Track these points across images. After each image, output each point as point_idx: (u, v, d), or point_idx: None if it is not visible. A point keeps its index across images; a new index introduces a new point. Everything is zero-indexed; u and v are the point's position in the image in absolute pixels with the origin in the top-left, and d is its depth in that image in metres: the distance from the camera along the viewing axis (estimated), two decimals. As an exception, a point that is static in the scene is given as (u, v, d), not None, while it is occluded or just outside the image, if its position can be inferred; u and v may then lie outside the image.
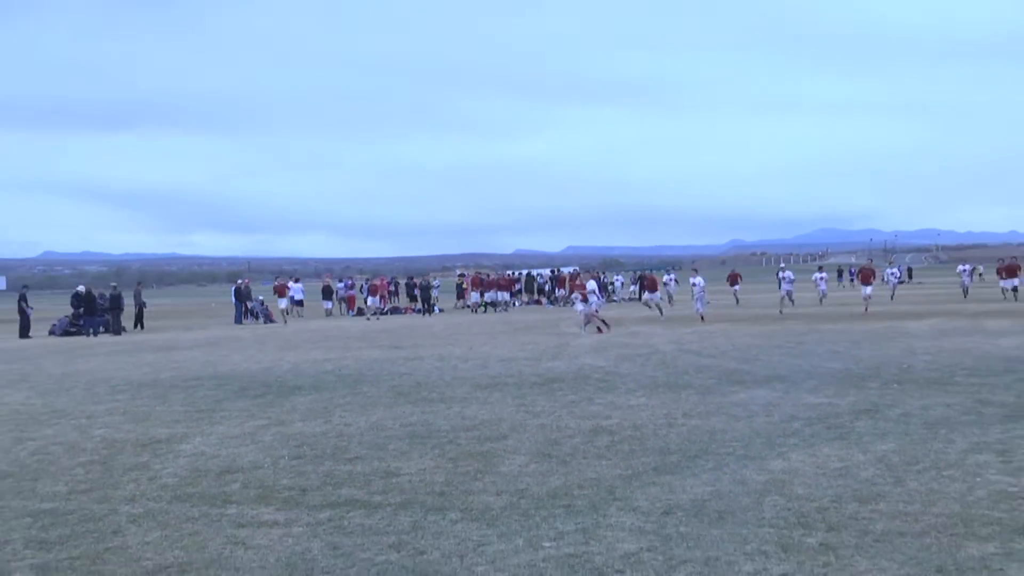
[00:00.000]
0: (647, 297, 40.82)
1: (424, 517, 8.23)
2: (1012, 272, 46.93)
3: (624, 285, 66.60)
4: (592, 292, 31.76)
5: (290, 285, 56.93)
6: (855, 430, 11.64)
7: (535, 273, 67.26)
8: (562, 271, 62.73)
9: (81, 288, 44.17)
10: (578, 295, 32.86)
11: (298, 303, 52.75)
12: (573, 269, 69.29)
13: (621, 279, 69.03)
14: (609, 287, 59.77)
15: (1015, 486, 8.65)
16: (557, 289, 56.56)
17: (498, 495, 8.94)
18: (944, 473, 9.25)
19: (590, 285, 32.09)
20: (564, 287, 54.47)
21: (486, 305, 53.03)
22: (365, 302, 51.61)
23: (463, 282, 58.96)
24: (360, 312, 52.81)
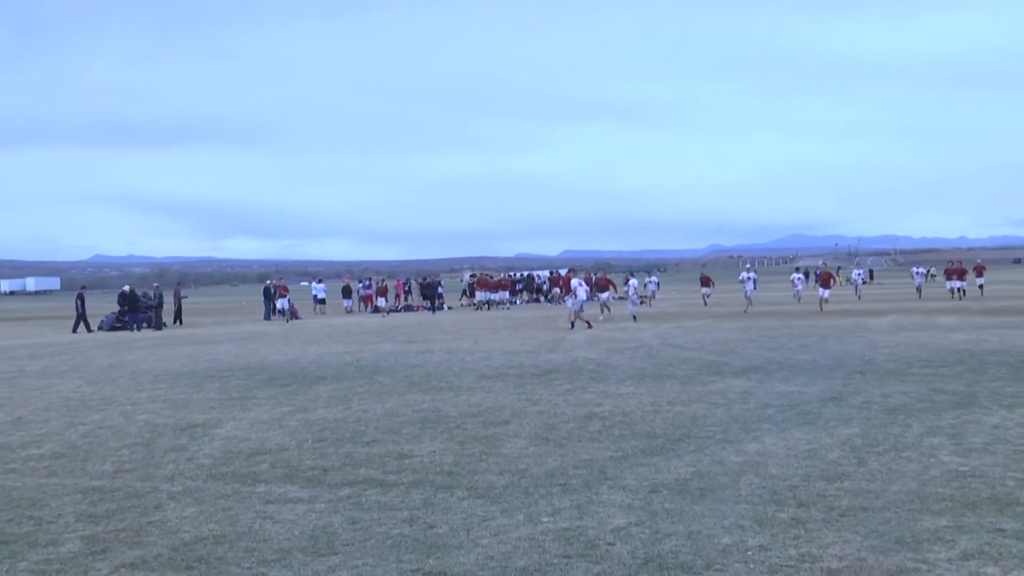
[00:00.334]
0: (602, 297, 37.34)
1: (434, 495, 8.21)
2: (960, 274, 47.26)
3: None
4: (578, 289, 30.47)
5: (314, 285, 57.00)
6: (822, 416, 11.63)
7: (535, 274, 67.23)
8: (559, 272, 62.62)
9: (126, 288, 44.16)
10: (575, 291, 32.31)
11: (321, 301, 52.71)
12: (567, 270, 69.11)
13: (656, 280, 68.39)
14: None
15: (965, 466, 8.63)
16: (553, 288, 56.41)
17: (501, 475, 8.92)
18: (902, 455, 9.23)
19: (573, 283, 31.17)
20: (558, 286, 54.18)
21: (487, 303, 52.83)
22: (375, 302, 51.35)
23: (474, 282, 58.83)
24: (377, 310, 52.77)
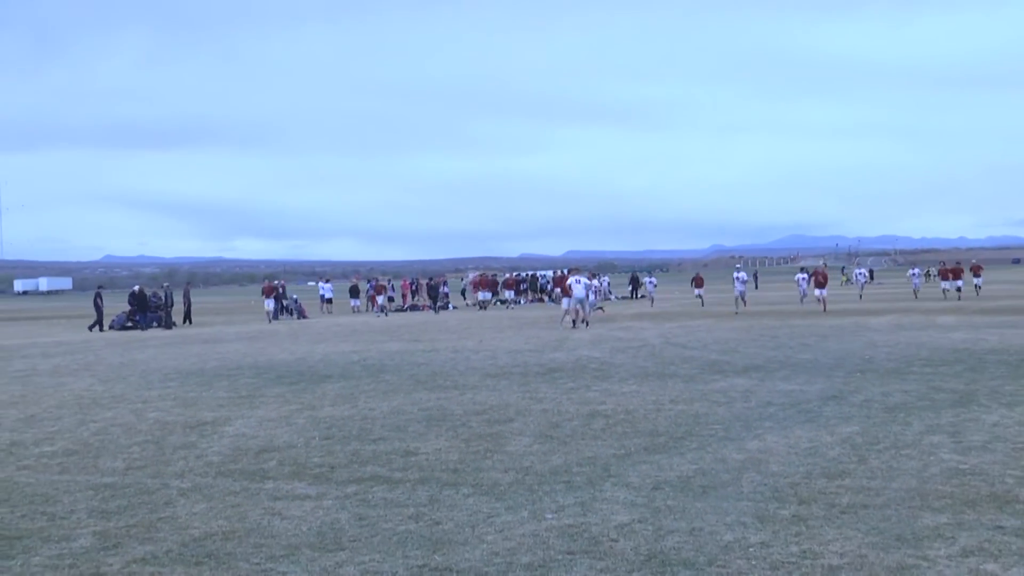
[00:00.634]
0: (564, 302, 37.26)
1: (440, 491, 8.22)
2: (956, 274, 46.86)
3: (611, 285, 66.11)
4: (575, 287, 29.92)
5: (321, 285, 56.96)
6: (823, 414, 11.62)
7: (539, 274, 67.20)
8: (563, 272, 62.51)
9: (136, 288, 44.24)
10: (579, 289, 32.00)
11: (328, 301, 52.70)
12: (564, 270, 68.97)
13: (607, 280, 68.41)
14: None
15: (965, 464, 8.62)
16: (555, 288, 56.27)
17: (505, 472, 8.93)
18: (902, 452, 9.22)
19: (569, 281, 30.73)
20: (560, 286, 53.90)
21: (484, 303, 52.62)
22: (375, 301, 50.44)
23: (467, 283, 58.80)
24: (382, 309, 52.70)
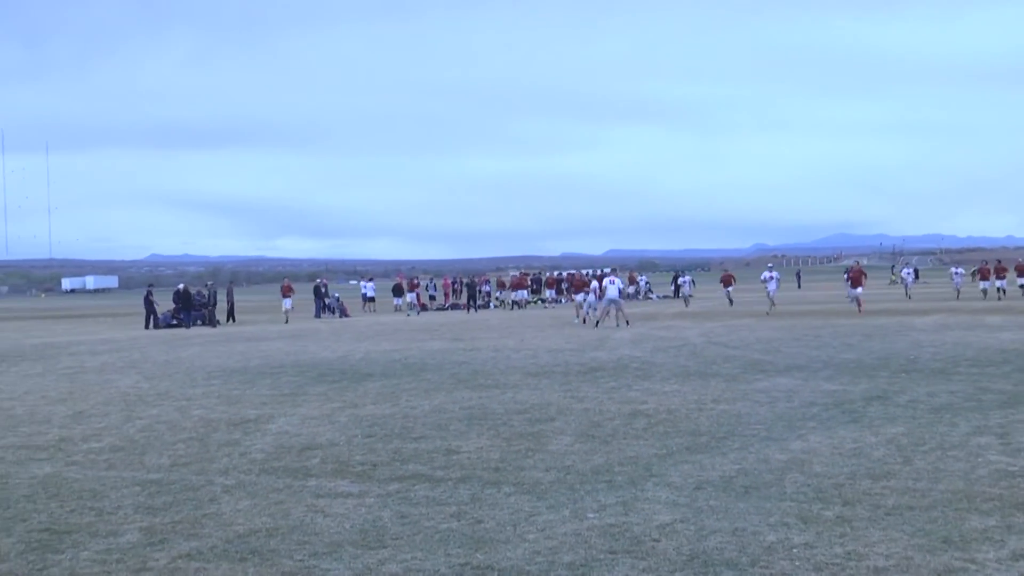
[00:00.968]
0: (577, 299, 36.12)
1: (481, 490, 8.23)
2: (999, 273, 45.19)
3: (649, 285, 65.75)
4: (609, 287, 29.71)
5: (363, 284, 57.13)
6: (867, 415, 11.50)
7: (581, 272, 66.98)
8: (603, 271, 62.31)
9: (181, 286, 44.65)
10: (594, 288, 32.15)
11: (370, 299, 52.87)
12: (610, 270, 68.74)
13: (646, 279, 68.06)
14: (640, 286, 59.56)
15: (1013, 466, 8.50)
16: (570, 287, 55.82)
17: (547, 471, 8.92)
18: (949, 454, 9.10)
19: (604, 282, 30.60)
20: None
21: (517, 302, 52.37)
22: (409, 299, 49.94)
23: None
24: (424, 308, 52.81)
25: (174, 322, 42.17)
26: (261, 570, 6.23)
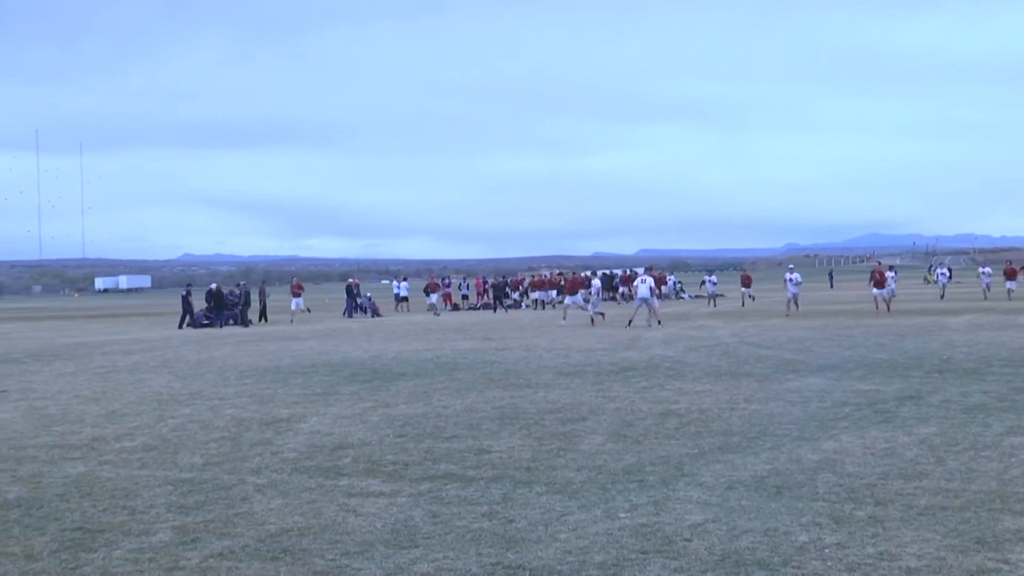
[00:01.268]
0: (567, 301, 35.26)
1: (513, 490, 8.23)
2: (1012, 274, 44.70)
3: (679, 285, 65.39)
4: (640, 286, 29.66)
5: (396, 283, 57.29)
6: (900, 414, 11.41)
7: (612, 272, 66.87)
8: (635, 271, 62.06)
9: (213, 286, 44.96)
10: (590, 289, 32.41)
11: (403, 299, 53.02)
12: (644, 269, 68.58)
13: (674, 278, 67.73)
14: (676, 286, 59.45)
15: (1050, 467, 8.40)
16: (623, 287, 55.64)
17: (579, 471, 8.92)
18: (982, 454, 9.02)
19: (636, 282, 30.78)
20: (628, 285, 52.67)
21: (542, 303, 51.86)
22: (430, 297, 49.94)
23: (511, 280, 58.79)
24: (456, 307, 52.89)
25: (205, 321, 42.50)
26: (293, 569, 6.27)
